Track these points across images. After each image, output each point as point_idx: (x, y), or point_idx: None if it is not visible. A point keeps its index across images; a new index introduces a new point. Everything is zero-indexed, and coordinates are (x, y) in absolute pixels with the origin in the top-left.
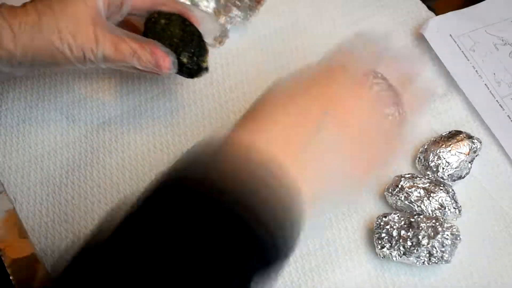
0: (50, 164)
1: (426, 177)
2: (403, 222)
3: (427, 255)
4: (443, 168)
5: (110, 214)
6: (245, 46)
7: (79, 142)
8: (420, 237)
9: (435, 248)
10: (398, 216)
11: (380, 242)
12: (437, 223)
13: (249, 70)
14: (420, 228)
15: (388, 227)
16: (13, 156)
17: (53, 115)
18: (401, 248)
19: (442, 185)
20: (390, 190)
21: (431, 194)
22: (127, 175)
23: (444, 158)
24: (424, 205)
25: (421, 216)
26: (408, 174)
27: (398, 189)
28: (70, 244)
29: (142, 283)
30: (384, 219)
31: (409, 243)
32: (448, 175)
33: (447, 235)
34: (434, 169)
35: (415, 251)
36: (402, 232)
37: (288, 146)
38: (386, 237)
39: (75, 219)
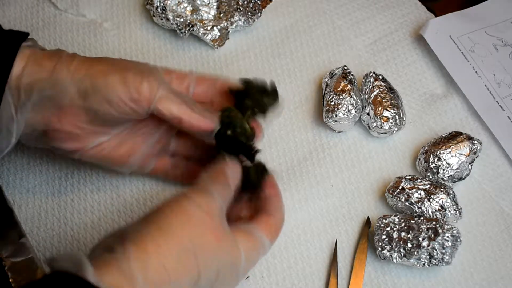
0: (49, 166)
1: (427, 178)
2: (403, 224)
3: (428, 257)
4: (443, 170)
5: None
6: (244, 48)
7: None
8: (420, 239)
9: (436, 250)
10: (398, 218)
11: (380, 244)
12: (438, 225)
13: (248, 71)
14: (421, 230)
15: (388, 229)
16: (12, 158)
17: None
18: (402, 250)
19: (442, 187)
20: (390, 192)
21: (432, 196)
22: (127, 178)
23: (445, 160)
24: (424, 206)
25: (422, 218)
26: (409, 175)
27: (398, 190)
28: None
29: None
30: (384, 221)
31: (409, 245)
32: (448, 177)
33: (448, 236)
34: (435, 171)
35: (415, 253)
36: (403, 234)
37: None
38: (387, 239)
39: (74, 222)
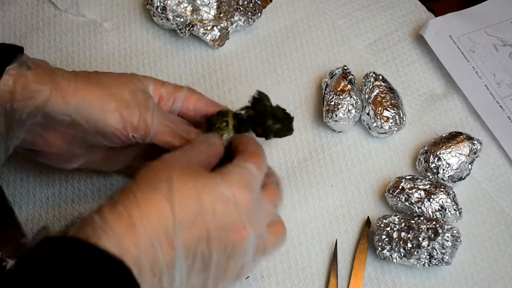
0: (49, 166)
1: (427, 178)
2: (403, 224)
3: (428, 257)
4: (443, 170)
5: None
6: (244, 48)
7: None
8: (420, 239)
9: (436, 250)
10: (398, 218)
11: (380, 243)
12: (438, 225)
13: (248, 71)
14: (420, 230)
15: (388, 229)
16: (12, 158)
17: None
18: (402, 250)
19: (442, 187)
20: (390, 192)
21: (432, 196)
22: (127, 178)
23: (445, 160)
24: (424, 206)
25: (422, 218)
26: (409, 175)
27: (398, 190)
28: None
29: None
30: (384, 221)
31: (409, 245)
32: (448, 177)
33: (448, 236)
34: (435, 171)
35: (415, 253)
36: (403, 234)
37: None
38: (387, 239)
39: None
